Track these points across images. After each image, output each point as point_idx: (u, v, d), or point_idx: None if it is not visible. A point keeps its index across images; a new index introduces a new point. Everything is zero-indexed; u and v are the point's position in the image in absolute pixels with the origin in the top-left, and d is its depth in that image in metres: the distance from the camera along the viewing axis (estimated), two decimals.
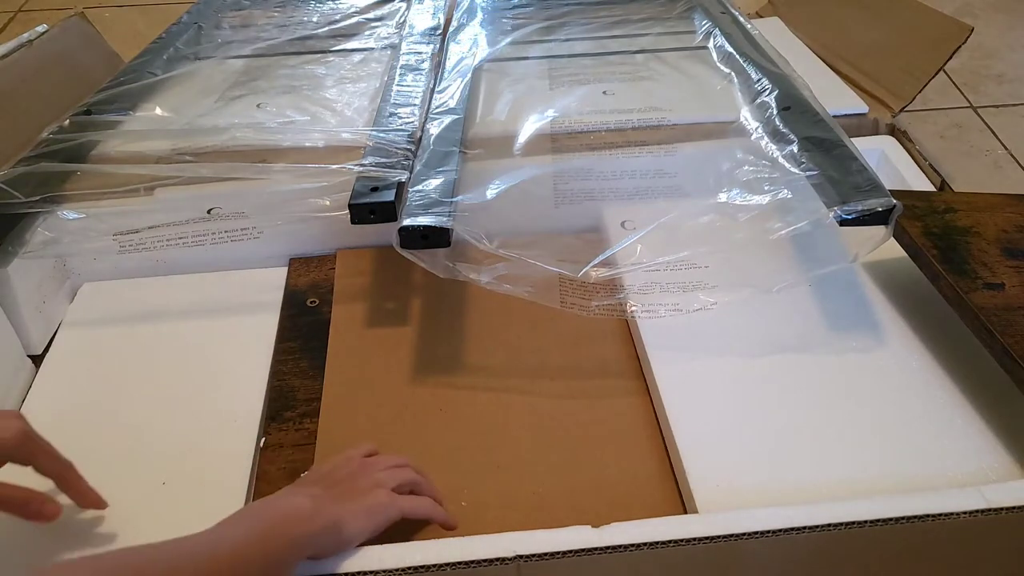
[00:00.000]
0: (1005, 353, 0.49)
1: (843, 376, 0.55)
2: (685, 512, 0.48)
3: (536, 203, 0.67)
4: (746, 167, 0.61)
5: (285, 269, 0.68)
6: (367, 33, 0.88)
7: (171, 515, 0.49)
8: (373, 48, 0.85)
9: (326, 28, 0.89)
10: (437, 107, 0.68)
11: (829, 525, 0.42)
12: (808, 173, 0.57)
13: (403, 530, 0.45)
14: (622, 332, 0.61)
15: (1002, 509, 0.42)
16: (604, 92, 0.76)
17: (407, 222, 0.53)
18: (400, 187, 0.57)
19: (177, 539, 0.35)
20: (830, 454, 0.50)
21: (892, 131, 0.78)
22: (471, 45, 0.81)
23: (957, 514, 0.42)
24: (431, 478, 0.48)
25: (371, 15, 0.92)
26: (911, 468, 0.49)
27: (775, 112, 0.65)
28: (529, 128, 0.69)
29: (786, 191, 0.57)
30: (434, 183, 0.57)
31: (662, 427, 0.53)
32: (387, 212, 0.55)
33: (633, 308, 0.59)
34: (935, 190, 0.70)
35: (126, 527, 0.48)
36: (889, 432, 0.51)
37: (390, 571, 0.40)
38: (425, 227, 0.52)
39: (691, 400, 0.53)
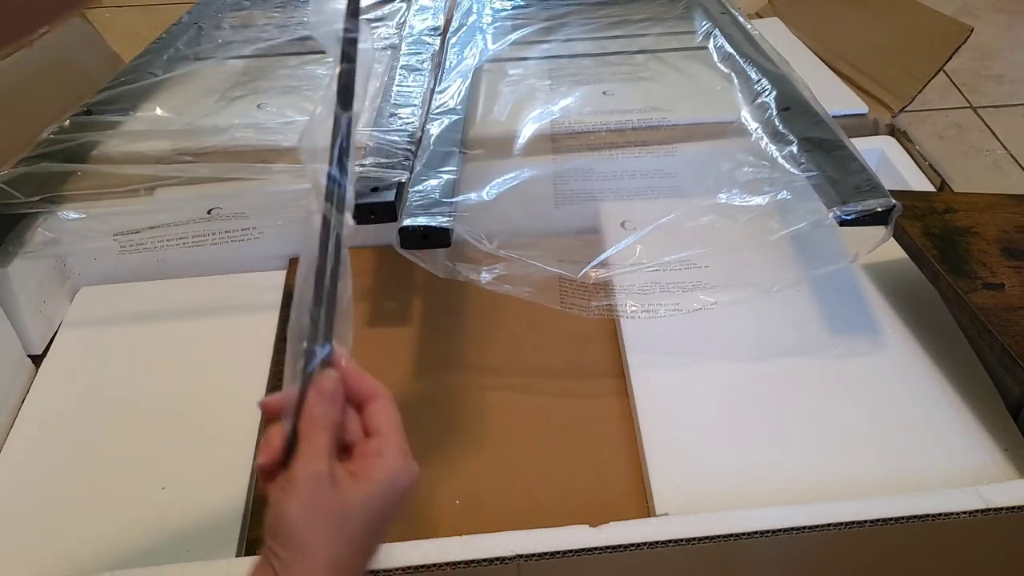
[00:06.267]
0: (1005, 353, 0.49)
1: (838, 378, 0.55)
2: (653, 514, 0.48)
3: (536, 203, 0.67)
4: (746, 167, 0.61)
5: (285, 270, 0.68)
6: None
7: (170, 517, 0.49)
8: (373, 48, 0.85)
9: None
10: (437, 107, 0.68)
11: (829, 525, 0.42)
12: (808, 173, 0.57)
13: (403, 530, 0.45)
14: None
15: (1000, 509, 0.42)
16: (604, 92, 0.76)
17: (407, 222, 0.53)
18: (400, 187, 0.57)
19: None
20: (812, 457, 0.50)
21: (892, 131, 0.78)
22: (471, 45, 0.81)
23: (955, 514, 0.42)
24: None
25: (371, 15, 0.92)
26: (908, 469, 0.49)
27: (775, 112, 0.65)
28: (529, 128, 0.69)
29: (786, 191, 0.57)
30: (434, 183, 0.57)
31: (635, 428, 0.54)
32: (387, 212, 0.55)
33: (633, 308, 0.59)
34: (935, 190, 0.70)
35: (125, 529, 0.48)
36: (886, 433, 0.51)
37: (390, 570, 0.40)
38: (425, 227, 0.52)
39: (664, 402, 0.53)
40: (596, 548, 0.41)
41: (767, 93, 0.68)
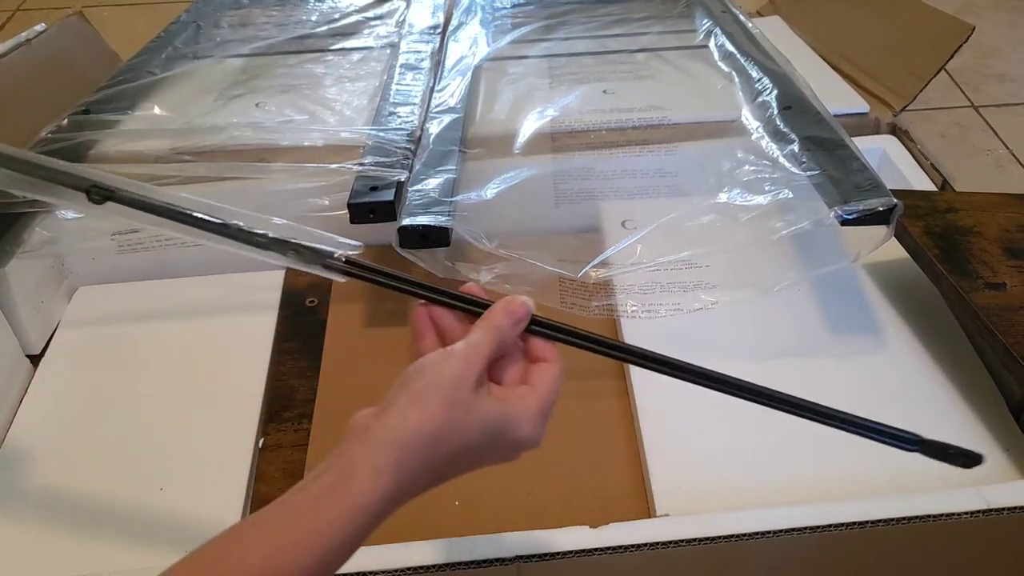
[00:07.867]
0: (1007, 353, 0.48)
1: (838, 377, 0.55)
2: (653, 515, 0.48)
3: (536, 203, 0.67)
4: (747, 166, 0.60)
5: (284, 269, 0.67)
6: (366, 32, 0.88)
7: (169, 517, 0.49)
8: (372, 47, 0.85)
9: (325, 27, 0.89)
10: (437, 106, 0.68)
11: (829, 525, 0.41)
12: (809, 172, 0.57)
13: (403, 531, 0.45)
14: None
15: (1002, 509, 0.42)
16: (604, 91, 0.76)
17: (407, 222, 0.52)
18: (399, 186, 0.57)
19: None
20: (813, 457, 0.50)
21: (893, 130, 0.77)
22: (471, 44, 0.81)
23: (957, 514, 0.42)
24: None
25: (370, 13, 0.91)
26: (909, 469, 0.49)
27: (776, 111, 0.65)
28: (529, 127, 0.69)
29: (787, 191, 0.57)
30: (434, 182, 0.57)
31: (635, 428, 0.53)
32: (386, 211, 0.55)
33: (634, 308, 0.58)
34: (936, 190, 0.70)
35: (124, 529, 0.48)
36: None
37: (390, 571, 0.40)
38: (425, 227, 0.52)
39: (664, 402, 0.53)
40: (597, 549, 0.41)
41: (768, 92, 0.68)
